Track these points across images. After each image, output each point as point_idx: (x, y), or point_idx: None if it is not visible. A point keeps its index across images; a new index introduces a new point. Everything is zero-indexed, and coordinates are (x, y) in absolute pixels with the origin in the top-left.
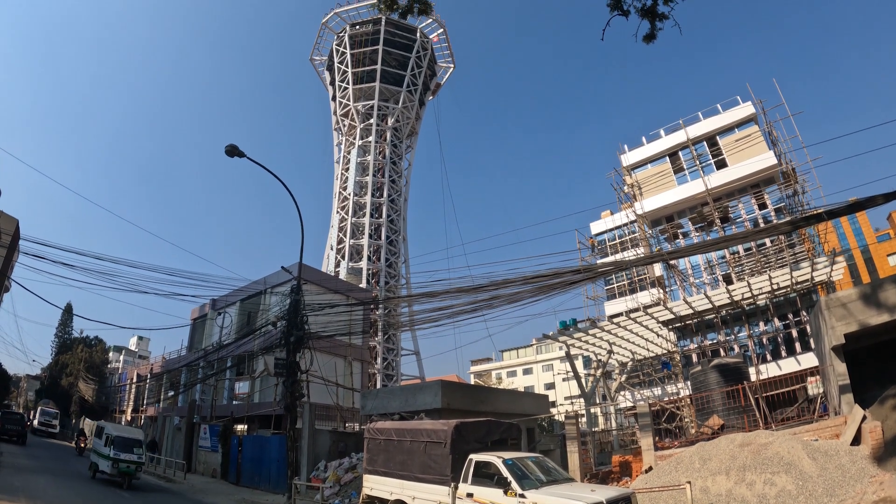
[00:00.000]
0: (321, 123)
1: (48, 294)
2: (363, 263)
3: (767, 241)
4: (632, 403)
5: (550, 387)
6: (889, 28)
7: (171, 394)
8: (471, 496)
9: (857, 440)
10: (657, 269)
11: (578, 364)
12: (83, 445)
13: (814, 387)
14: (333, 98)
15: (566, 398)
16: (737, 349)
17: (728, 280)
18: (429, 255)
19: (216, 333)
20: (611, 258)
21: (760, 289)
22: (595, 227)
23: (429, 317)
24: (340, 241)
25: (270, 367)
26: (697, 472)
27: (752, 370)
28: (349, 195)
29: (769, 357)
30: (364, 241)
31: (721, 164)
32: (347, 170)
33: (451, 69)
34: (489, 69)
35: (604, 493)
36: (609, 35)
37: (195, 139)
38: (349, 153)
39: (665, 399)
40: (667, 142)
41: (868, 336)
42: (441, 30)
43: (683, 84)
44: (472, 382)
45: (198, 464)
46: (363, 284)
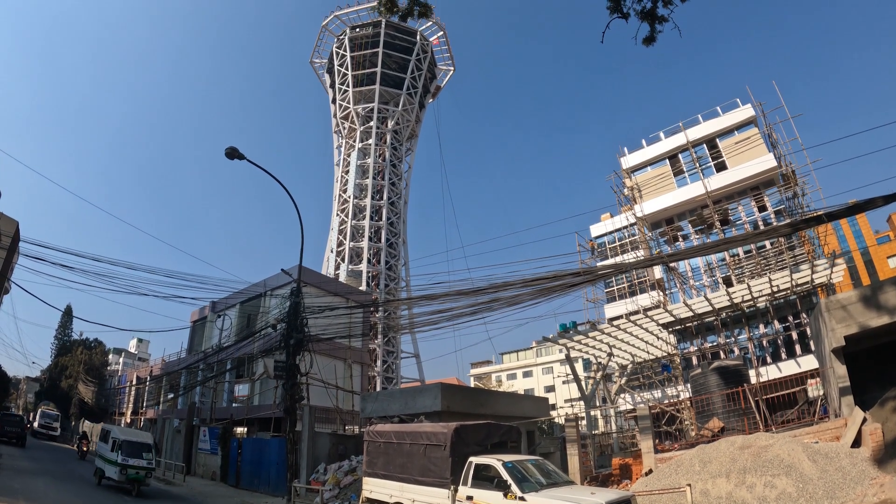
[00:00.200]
0: (321, 126)
1: (48, 296)
2: (363, 266)
3: (767, 244)
4: (632, 406)
5: (550, 389)
6: (889, 30)
7: (171, 396)
8: (471, 499)
9: (858, 442)
10: (657, 272)
11: (578, 367)
12: (85, 449)
13: (814, 389)
14: (333, 101)
15: (566, 401)
16: (737, 352)
17: (728, 282)
18: (429, 258)
19: (216, 336)
20: (611, 261)
21: (760, 291)
22: (595, 230)
23: (428, 319)
24: (340, 244)
25: (270, 370)
26: (697, 475)
27: (753, 372)
28: (349, 198)
29: (769, 359)
30: (364, 244)
31: (721, 167)
32: (347, 172)
33: (451, 72)
34: (489, 71)
35: (604, 496)
36: (609, 37)
37: (195, 141)
38: (349, 156)
39: (665, 402)
40: (666, 144)
41: (868, 338)
42: (441, 32)
43: (683, 86)
44: (472, 385)
45: (197, 466)
46: (363, 287)
